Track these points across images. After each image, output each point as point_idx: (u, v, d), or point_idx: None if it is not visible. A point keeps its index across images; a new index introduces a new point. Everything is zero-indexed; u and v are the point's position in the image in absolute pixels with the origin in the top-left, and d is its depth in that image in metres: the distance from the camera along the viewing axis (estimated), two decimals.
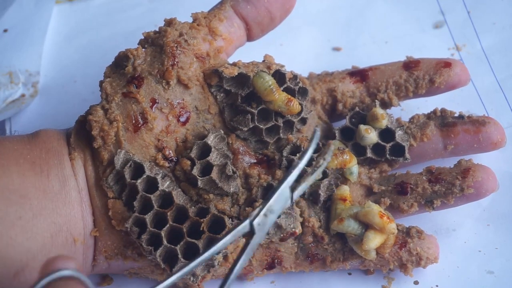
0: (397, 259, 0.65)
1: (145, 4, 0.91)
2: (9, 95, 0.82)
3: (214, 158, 0.64)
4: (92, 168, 0.64)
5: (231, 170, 0.65)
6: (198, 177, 0.63)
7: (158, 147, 0.65)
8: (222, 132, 0.66)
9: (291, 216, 0.64)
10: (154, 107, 0.64)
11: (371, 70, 0.73)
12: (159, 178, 0.64)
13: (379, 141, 0.69)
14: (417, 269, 0.66)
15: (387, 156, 0.69)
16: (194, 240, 0.62)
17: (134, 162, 0.64)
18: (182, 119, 0.66)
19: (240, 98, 0.67)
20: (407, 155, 0.69)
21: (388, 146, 0.69)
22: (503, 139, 0.68)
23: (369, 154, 0.69)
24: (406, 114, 0.74)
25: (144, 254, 0.63)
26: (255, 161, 0.68)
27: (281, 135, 0.68)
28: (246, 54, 0.71)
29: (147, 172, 0.63)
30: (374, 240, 0.62)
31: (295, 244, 0.66)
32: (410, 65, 0.72)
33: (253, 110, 0.67)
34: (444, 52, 0.82)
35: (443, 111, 0.71)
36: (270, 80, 0.65)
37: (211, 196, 0.65)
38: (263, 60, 0.69)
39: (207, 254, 0.52)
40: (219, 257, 0.62)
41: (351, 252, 0.65)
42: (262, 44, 0.74)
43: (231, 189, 0.65)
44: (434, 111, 0.71)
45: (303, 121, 0.69)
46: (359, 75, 0.73)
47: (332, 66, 0.77)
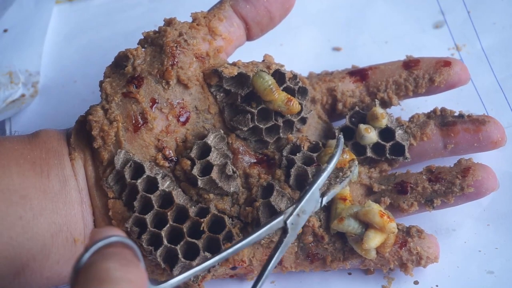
0: (397, 258, 0.65)
1: (145, 4, 0.90)
2: (9, 95, 0.82)
3: (214, 158, 0.64)
4: (92, 168, 0.64)
5: (231, 170, 0.65)
6: (198, 177, 0.63)
7: (158, 147, 0.65)
8: (222, 132, 0.66)
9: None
10: (154, 107, 0.64)
11: (370, 69, 0.73)
12: (159, 178, 0.64)
13: (379, 140, 0.69)
14: (417, 268, 0.66)
15: (387, 155, 0.69)
16: (194, 240, 0.62)
17: (134, 162, 0.64)
18: (182, 119, 0.66)
19: (240, 97, 0.67)
20: (407, 155, 0.69)
21: (388, 145, 0.69)
22: (503, 138, 0.68)
23: (369, 153, 0.69)
24: (406, 114, 0.74)
25: (144, 254, 0.63)
26: (255, 160, 0.68)
27: (281, 134, 0.68)
28: (246, 54, 0.71)
29: (147, 172, 0.63)
30: (374, 240, 0.62)
31: (295, 243, 0.66)
32: (410, 64, 0.72)
33: (253, 110, 0.67)
34: (444, 52, 0.82)
35: (443, 110, 0.71)
36: (269, 80, 0.65)
37: (211, 196, 0.65)
38: (263, 60, 0.69)
39: (241, 243, 0.54)
40: None
41: (351, 252, 0.65)
42: (262, 44, 0.74)
43: (231, 188, 0.65)
44: (434, 110, 0.71)
45: (303, 120, 0.69)
46: (359, 74, 0.73)
47: (332, 66, 0.77)
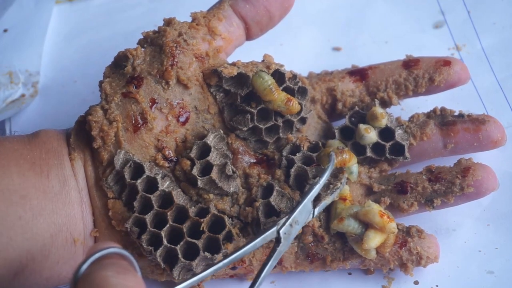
0: (397, 258, 0.65)
1: (145, 4, 0.91)
2: (9, 95, 0.82)
3: (214, 158, 0.64)
4: (92, 168, 0.64)
5: (231, 170, 0.65)
6: (198, 177, 0.63)
7: (158, 147, 0.65)
8: (222, 132, 0.66)
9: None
10: (153, 107, 0.64)
11: (370, 69, 0.73)
12: (159, 178, 0.64)
13: (379, 140, 0.69)
14: (417, 269, 0.66)
15: (387, 155, 0.69)
16: (194, 240, 0.62)
17: (134, 162, 0.64)
18: (182, 119, 0.66)
19: (240, 97, 0.67)
20: (407, 154, 0.69)
21: (388, 145, 0.69)
22: (503, 137, 0.68)
23: (369, 153, 0.69)
24: (406, 113, 0.74)
25: (144, 254, 0.63)
26: (254, 160, 0.67)
27: (280, 134, 0.68)
28: (245, 54, 0.71)
29: (147, 172, 0.63)
30: (374, 240, 0.62)
31: (295, 243, 0.66)
32: (409, 63, 0.72)
33: (252, 110, 0.67)
34: (444, 52, 0.82)
35: (443, 110, 0.70)
36: (269, 80, 0.65)
37: (211, 196, 0.65)
38: (263, 60, 0.69)
39: (236, 255, 0.56)
40: (219, 257, 0.62)
41: (351, 252, 0.65)
42: (262, 44, 0.74)
43: (231, 189, 0.65)
44: (434, 110, 0.71)
45: (303, 120, 0.69)
46: (359, 74, 0.73)
47: (332, 66, 0.77)
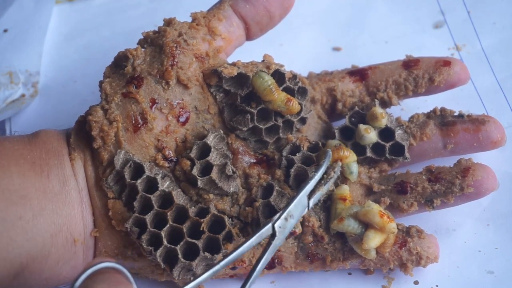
0: (397, 258, 0.65)
1: (145, 4, 0.91)
2: (9, 95, 0.82)
3: (214, 158, 0.64)
4: (92, 168, 0.64)
5: (230, 170, 0.65)
6: (198, 177, 0.63)
7: (158, 147, 0.65)
8: (222, 132, 0.66)
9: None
10: (153, 107, 0.64)
11: (370, 69, 0.73)
12: (159, 178, 0.64)
13: (379, 140, 0.69)
14: (417, 269, 0.66)
15: (387, 155, 0.69)
16: (194, 240, 0.62)
17: (134, 162, 0.64)
18: (182, 119, 0.66)
19: (240, 98, 0.67)
20: (407, 155, 0.69)
21: (387, 145, 0.69)
22: (503, 138, 0.68)
23: (368, 153, 0.69)
24: (406, 114, 0.74)
25: (144, 254, 0.63)
26: (254, 161, 0.67)
27: (280, 134, 0.68)
28: (245, 54, 0.71)
29: (147, 172, 0.63)
30: (374, 240, 0.62)
31: (295, 243, 0.66)
32: (409, 64, 0.72)
33: (252, 110, 0.67)
34: (444, 52, 0.82)
35: (442, 110, 0.70)
36: (269, 80, 0.65)
37: (211, 196, 0.65)
38: (263, 60, 0.69)
39: (232, 255, 0.56)
40: (219, 257, 0.62)
41: (351, 252, 0.65)
42: (262, 44, 0.74)
43: (231, 189, 0.65)
44: (434, 110, 0.71)
45: (303, 120, 0.69)
46: (359, 74, 0.73)
47: (332, 66, 0.77)
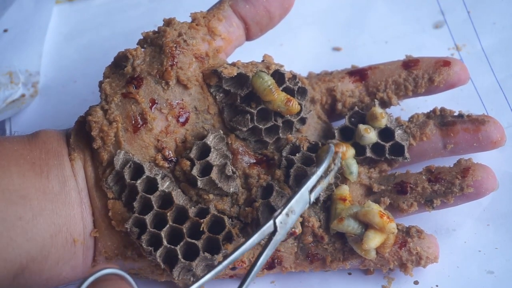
0: (397, 258, 0.65)
1: (145, 4, 0.91)
2: (9, 95, 0.82)
3: (214, 158, 0.64)
4: (91, 168, 0.64)
5: (230, 170, 0.65)
6: (197, 177, 0.63)
7: (158, 147, 0.65)
8: (222, 132, 0.66)
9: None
10: (153, 107, 0.64)
11: (370, 69, 0.73)
12: (158, 178, 0.64)
13: (379, 140, 0.69)
14: (417, 269, 0.66)
15: (387, 155, 0.69)
16: (194, 241, 0.62)
17: (133, 163, 0.64)
18: (182, 119, 0.66)
19: (240, 98, 0.67)
20: (407, 155, 0.69)
21: (387, 145, 0.69)
22: (502, 138, 0.68)
23: (368, 153, 0.69)
24: (406, 114, 0.74)
25: (144, 255, 0.63)
26: (254, 161, 0.67)
27: (280, 135, 0.68)
28: (245, 54, 0.71)
29: (147, 173, 0.63)
30: (374, 240, 0.62)
31: (295, 244, 0.66)
32: (409, 64, 0.72)
33: (252, 110, 0.67)
34: (444, 52, 0.82)
35: (442, 110, 0.70)
36: (269, 80, 0.65)
37: (211, 196, 0.65)
38: (262, 60, 0.69)
39: (236, 253, 0.56)
40: (219, 257, 0.62)
41: (351, 252, 0.65)
42: (262, 44, 0.74)
43: (231, 189, 0.65)
44: (434, 110, 0.71)
45: (303, 121, 0.69)
46: (359, 74, 0.73)
47: (332, 66, 0.77)
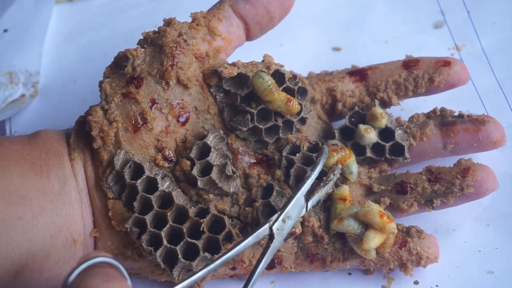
0: (397, 258, 0.65)
1: (145, 4, 0.91)
2: (9, 95, 0.82)
3: (214, 158, 0.64)
4: (92, 168, 0.64)
5: (230, 170, 0.65)
6: (198, 177, 0.63)
7: (158, 147, 0.65)
8: (222, 132, 0.66)
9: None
10: (153, 107, 0.64)
11: (370, 69, 0.73)
12: (159, 178, 0.64)
13: (379, 140, 0.69)
14: (417, 269, 0.66)
15: (387, 155, 0.69)
16: (194, 241, 0.62)
17: (133, 163, 0.64)
18: (182, 119, 0.66)
19: (240, 98, 0.67)
20: (407, 155, 0.69)
21: (387, 145, 0.69)
22: (503, 138, 0.68)
23: (368, 153, 0.69)
24: (406, 114, 0.74)
25: (144, 255, 0.63)
26: (254, 161, 0.67)
27: (280, 135, 0.68)
28: (245, 54, 0.71)
29: (147, 173, 0.63)
30: (374, 240, 0.62)
31: (295, 244, 0.66)
32: (409, 64, 0.72)
33: (252, 110, 0.67)
34: (444, 52, 0.82)
35: (442, 110, 0.70)
36: (269, 80, 0.65)
37: (211, 196, 0.65)
38: (263, 60, 0.69)
39: (229, 254, 0.56)
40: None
41: (351, 252, 0.65)
42: (262, 44, 0.74)
43: (231, 189, 0.65)
44: (434, 110, 0.71)
45: (303, 121, 0.69)
46: (359, 74, 0.73)
47: (332, 66, 0.77)
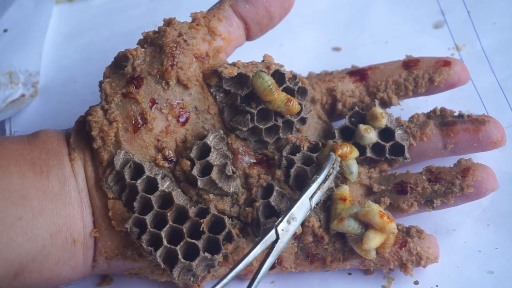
0: (397, 258, 0.65)
1: (145, 4, 0.91)
2: (9, 95, 0.82)
3: (214, 158, 0.64)
4: (92, 168, 0.64)
5: (230, 170, 0.65)
6: (198, 177, 0.63)
7: (158, 147, 0.65)
8: (222, 132, 0.66)
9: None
10: (153, 107, 0.64)
11: (370, 69, 0.73)
12: (159, 178, 0.64)
13: (379, 140, 0.69)
14: (417, 269, 0.66)
15: (387, 155, 0.69)
16: (194, 241, 0.62)
17: (134, 163, 0.64)
18: (182, 119, 0.66)
19: (240, 98, 0.67)
20: (407, 155, 0.69)
21: (387, 145, 0.69)
22: (503, 138, 0.68)
23: (368, 153, 0.69)
24: (406, 114, 0.74)
25: (144, 255, 0.63)
26: (254, 161, 0.67)
27: (280, 135, 0.68)
28: (245, 54, 0.71)
29: (147, 173, 0.63)
30: (374, 240, 0.62)
31: (295, 244, 0.66)
32: (409, 64, 0.72)
33: (252, 110, 0.67)
34: (444, 52, 0.82)
35: (442, 110, 0.70)
36: (269, 80, 0.65)
37: (211, 196, 0.65)
38: (263, 60, 0.69)
39: (241, 265, 0.57)
40: (219, 257, 0.62)
41: (351, 252, 0.65)
42: (262, 44, 0.74)
43: (231, 189, 0.65)
44: (434, 110, 0.71)
45: (303, 120, 0.69)
46: (359, 74, 0.73)
47: (332, 66, 0.77)
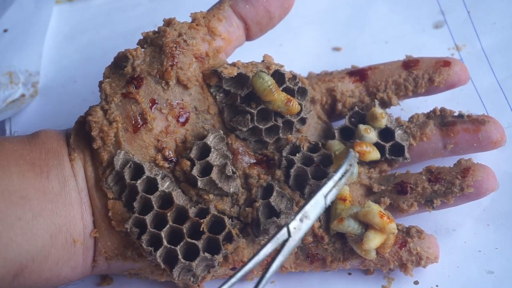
0: (397, 258, 0.65)
1: (145, 4, 0.91)
2: (9, 95, 0.82)
3: (214, 158, 0.64)
4: (92, 169, 0.64)
5: (230, 170, 0.65)
6: (198, 177, 0.63)
7: (158, 147, 0.65)
8: (222, 132, 0.66)
9: (291, 215, 0.64)
10: (153, 107, 0.64)
11: (370, 69, 0.73)
12: (159, 178, 0.64)
13: (379, 140, 0.69)
14: (417, 269, 0.66)
15: (387, 155, 0.69)
16: (194, 241, 0.62)
17: (133, 163, 0.64)
18: (182, 119, 0.66)
19: (240, 98, 0.67)
20: (407, 155, 0.69)
21: (387, 145, 0.69)
22: (502, 138, 0.68)
23: None
24: (406, 114, 0.74)
25: (144, 255, 0.63)
26: (254, 161, 0.67)
27: (280, 135, 0.68)
28: (245, 54, 0.71)
29: (147, 173, 0.63)
30: (374, 240, 0.62)
31: None
32: (409, 64, 0.72)
33: (252, 110, 0.67)
34: (444, 52, 0.82)
35: (442, 110, 0.70)
36: (269, 80, 0.65)
37: (211, 196, 0.65)
38: (262, 60, 0.69)
39: (251, 264, 0.55)
40: (219, 257, 0.62)
41: (351, 252, 0.65)
42: (262, 44, 0.74)
43: (231, 189, 0.65)
44: (434, 111, 0.71)
45: (303, 121, 0.69)
46: (359, 74, 0.73)
47: (332, 66, 0.77)
